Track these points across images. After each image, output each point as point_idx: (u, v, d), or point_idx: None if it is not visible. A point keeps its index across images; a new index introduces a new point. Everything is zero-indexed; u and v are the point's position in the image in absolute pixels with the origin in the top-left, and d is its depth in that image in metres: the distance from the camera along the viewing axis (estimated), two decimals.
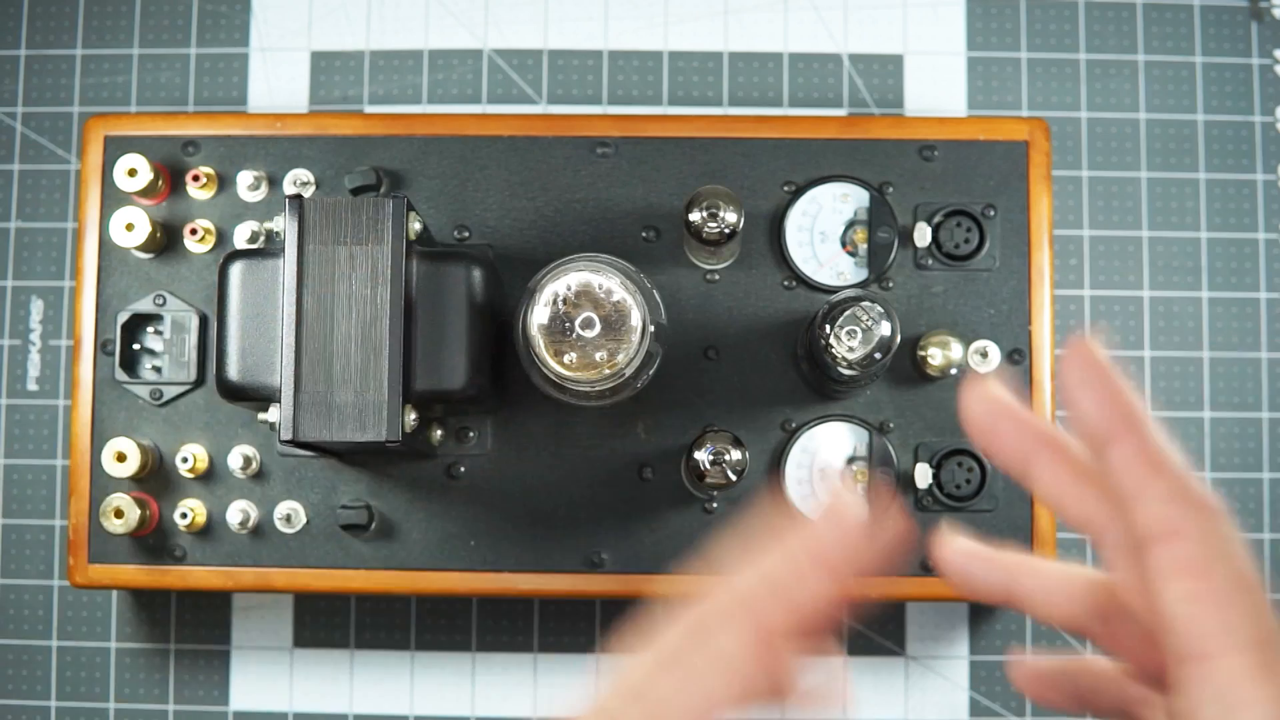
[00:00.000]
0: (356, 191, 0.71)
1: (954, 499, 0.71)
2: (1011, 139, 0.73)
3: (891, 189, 0.73)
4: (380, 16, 0.82)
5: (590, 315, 0.61)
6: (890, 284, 0.73)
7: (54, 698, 0.78)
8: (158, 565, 0.72)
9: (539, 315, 0.61)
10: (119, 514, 0.70)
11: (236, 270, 0.65)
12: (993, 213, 0.73)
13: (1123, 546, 0.41)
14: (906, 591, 0.72)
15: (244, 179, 0.73)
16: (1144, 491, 0.39)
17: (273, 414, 0.64)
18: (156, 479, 0.72)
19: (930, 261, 0.73)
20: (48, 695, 0.78)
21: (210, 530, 0.72)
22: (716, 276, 0.73)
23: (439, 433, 0.71)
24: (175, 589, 0.73)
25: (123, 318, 0.72)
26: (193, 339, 0.72)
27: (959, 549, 0.47)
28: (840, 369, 0.66)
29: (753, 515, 0.46)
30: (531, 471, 0.72)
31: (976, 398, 0.44)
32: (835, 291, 0.70)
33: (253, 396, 0.64)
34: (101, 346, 0.72)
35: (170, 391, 0.72)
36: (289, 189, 0.73)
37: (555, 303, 0.61)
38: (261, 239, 0.72)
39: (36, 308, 0.80)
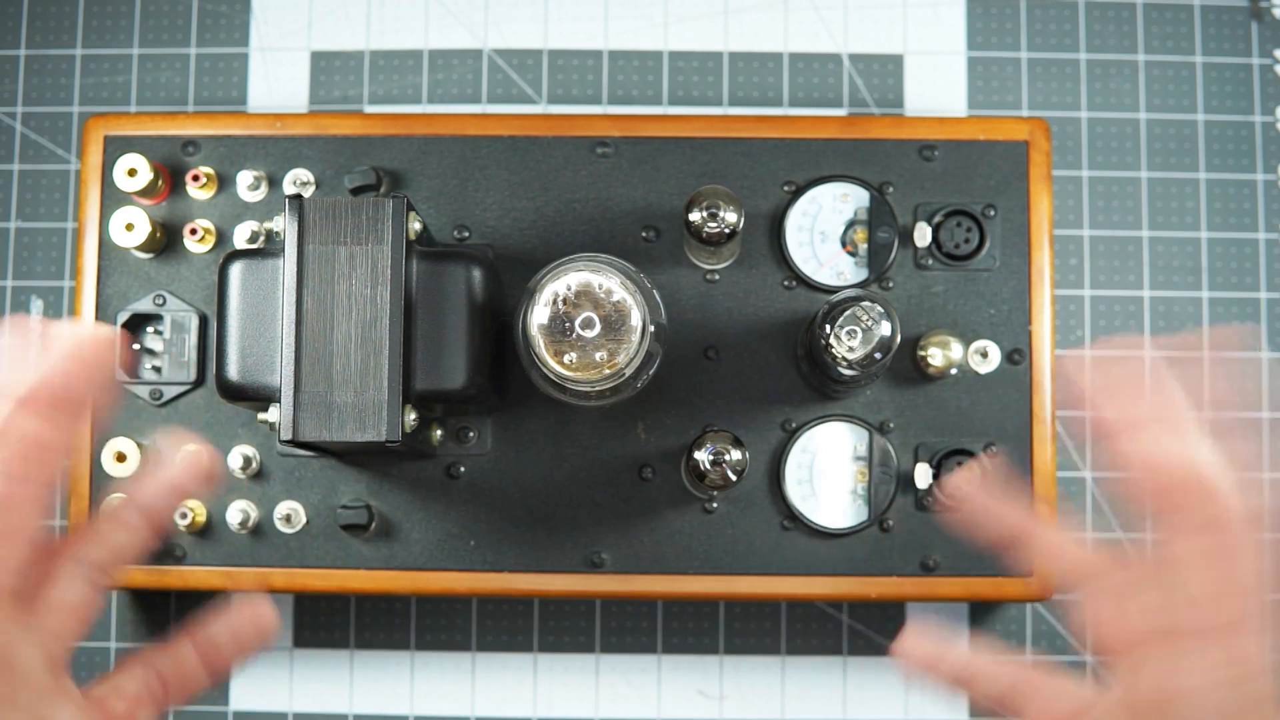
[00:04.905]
0: (356, 191, 0.71)
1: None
2: (1011, 139, 0.73)
3: (891, 189, 0.73)
4: (380, 16, 0.82)
5: (590, 315, 0.61)
6: (890, 284, 0.73)
7: None
8: (158, 565, 0.72)
9: (539, 315, 0.61)
10: None
11: (236, 270, 0.65)
12: (993, 213, 0.73)
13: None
14: (906, 591, 0.72)
15: (244, 179, 0.73)
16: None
17: (273, 414, 0.64)
18: None
19: (930, 261, 0.73)
20: None
21: (210, 530, 0.72)
22: (716, 276, 0.73)
23: (439, 433, 0.71)
24: (175, 589, 0.73)
25: (123, 318, 0.72)
26: (193, 339, 0.72)
27: (918, 648, 0.54)
28: (840, 369, 0.66)
29: None
30: (531, 471, 0.72)
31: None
32: (835, 291, 0.70)
33: (253, 396, 0.64)
34: None
35: (170, 391, 0.72)
36: (289, 189, 0.73)
37: (555, 303, 0.61)
38: (261, 239, 0.72)
39: (36, 308, 0.80)
